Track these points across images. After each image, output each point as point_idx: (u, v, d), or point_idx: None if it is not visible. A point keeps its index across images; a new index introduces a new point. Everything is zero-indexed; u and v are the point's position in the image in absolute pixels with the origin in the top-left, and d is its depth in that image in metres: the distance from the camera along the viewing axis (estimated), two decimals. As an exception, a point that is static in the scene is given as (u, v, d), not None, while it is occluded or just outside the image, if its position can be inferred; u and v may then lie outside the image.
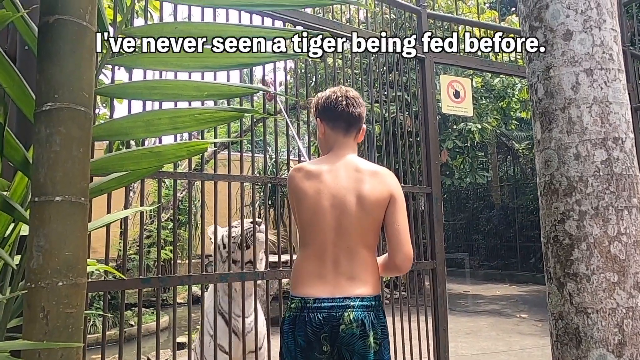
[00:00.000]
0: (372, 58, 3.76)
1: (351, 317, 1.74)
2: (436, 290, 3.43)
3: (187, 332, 2.71)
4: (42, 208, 0.77)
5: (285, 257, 3.19)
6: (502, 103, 10.81)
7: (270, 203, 9.76)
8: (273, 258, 3.06)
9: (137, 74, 2.88)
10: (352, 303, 1.76)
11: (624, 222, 1.55)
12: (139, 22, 2.84)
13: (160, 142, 2.40)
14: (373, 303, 1.80)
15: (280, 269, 2.97)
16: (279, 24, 3.11)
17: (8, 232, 0.99)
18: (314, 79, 3.97)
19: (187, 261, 2.72)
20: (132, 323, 7.64)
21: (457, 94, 3.93)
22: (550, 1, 1.79)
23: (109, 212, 2.37)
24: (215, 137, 3.02)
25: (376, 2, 3.90)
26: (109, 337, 5.27)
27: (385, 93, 3.62)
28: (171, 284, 2.74)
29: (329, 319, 1.75)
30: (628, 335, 1.47)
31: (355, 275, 1.82)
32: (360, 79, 8.37)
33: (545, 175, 1.72)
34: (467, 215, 14.77)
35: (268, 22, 3.05)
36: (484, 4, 10.01)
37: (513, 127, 12.01)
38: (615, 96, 1.59)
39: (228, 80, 2.72)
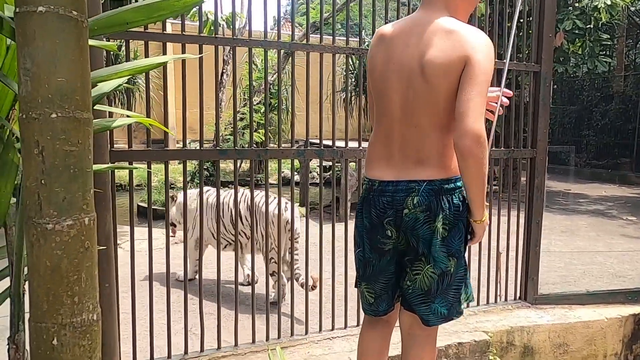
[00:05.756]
0: None
1: (415, 202, 1.57)
2: (533, 181, 3.08)
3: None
4: (24, 21, 0.62)
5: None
6: (642, -27, 9.01)
7: (361, 88, 9.39)
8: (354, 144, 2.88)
9: None
10: (417, 187, 1.57)
11: None
12: None
13: None
14: (444, 186, 1.57)
15: (360, 148, 2.81)
16: None
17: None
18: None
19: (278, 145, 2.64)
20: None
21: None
22: None
23: (201, 93, 2.31)
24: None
25: None
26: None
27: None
28: (248, 157, 2.71)
29: (392, 203, 1.61)
30: None
31: (424, 158, 1.58)
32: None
33: None
34: (578, 108, 13.30)
35: None
36: None
37: (652, 3, 10.11)
38: None
39: None
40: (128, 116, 1.35)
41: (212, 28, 5.06)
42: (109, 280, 1.95)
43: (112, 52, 2.04)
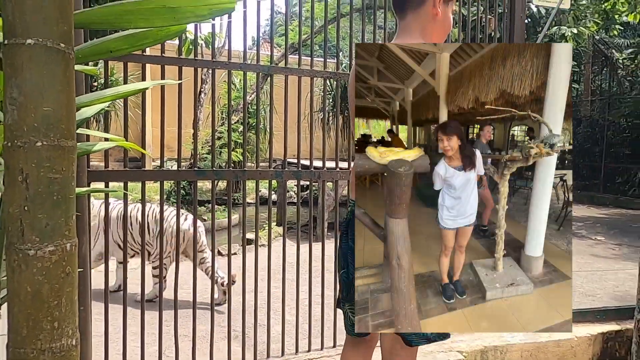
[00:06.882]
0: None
1: None
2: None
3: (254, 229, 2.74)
4: (13, 53, 0.65)
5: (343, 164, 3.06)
6: (606, 4, 9.45)
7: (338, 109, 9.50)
8: (331, 164, 2.93)
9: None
10: None
11: None
12: None
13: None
14: None
15: (338, 169, 2.85)
16: None
17: None
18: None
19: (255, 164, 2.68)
20: (205, 218, 8.07)
21: (553, -19, 3.34)
22: None
23: (179, 110, 2.34)
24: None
25: None
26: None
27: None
28: (226, 178, 2.72)
29: None
30: None
31: None
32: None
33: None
34: (548, 131, 13.72)
35: None
36: None
37: (616, 32, 10.60)
38: None
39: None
40: (107, 139, 1.36)
41: (190, 47, 5.11)
42: (83, 303, 1.92)
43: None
